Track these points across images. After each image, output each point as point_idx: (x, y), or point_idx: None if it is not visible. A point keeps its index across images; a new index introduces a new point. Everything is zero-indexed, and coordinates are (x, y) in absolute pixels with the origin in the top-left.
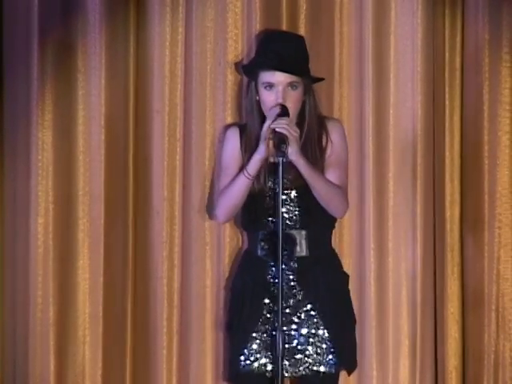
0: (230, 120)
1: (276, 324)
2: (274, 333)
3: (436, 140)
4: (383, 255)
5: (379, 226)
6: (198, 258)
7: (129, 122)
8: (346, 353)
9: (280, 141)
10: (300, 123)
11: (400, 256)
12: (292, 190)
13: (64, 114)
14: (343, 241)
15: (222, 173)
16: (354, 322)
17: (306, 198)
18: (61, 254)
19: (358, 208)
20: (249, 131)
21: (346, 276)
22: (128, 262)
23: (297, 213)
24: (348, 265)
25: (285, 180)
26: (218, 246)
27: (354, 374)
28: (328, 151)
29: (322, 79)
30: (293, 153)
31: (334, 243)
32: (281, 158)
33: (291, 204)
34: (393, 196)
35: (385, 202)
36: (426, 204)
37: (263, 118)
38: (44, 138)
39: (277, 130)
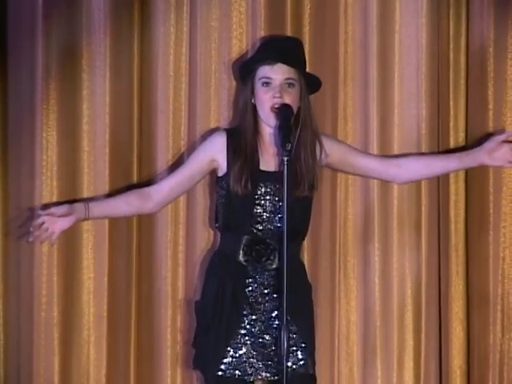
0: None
1: (262, 326)
2: (260, 340)
3: (441, 139)
4: (388, 255)
5: (383, 226)
6: (202, 257)
7: (133, 122)
8: (313, 357)
9: (285, 139)
10: (294, 128)
11: (404, 256)
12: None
13: (68, 114)
14: (348, 241)
15: (183, 164)
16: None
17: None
18: (65, 254)
19: (363, 208)
20: (241, 134)
21: (311, 286)
22: (132, 261)
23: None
24: (353, 265)
25: (269, 189)
26: None
27: (359, 374)
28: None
29: (319, 81)
30: None
31: (339, 243)
32: (286, 158)
33: (272, 215)
34: (397, 196)
35: (389, 202)
36: (431, 203)
37: (257, 121)
38: (48, 138)
39: None
